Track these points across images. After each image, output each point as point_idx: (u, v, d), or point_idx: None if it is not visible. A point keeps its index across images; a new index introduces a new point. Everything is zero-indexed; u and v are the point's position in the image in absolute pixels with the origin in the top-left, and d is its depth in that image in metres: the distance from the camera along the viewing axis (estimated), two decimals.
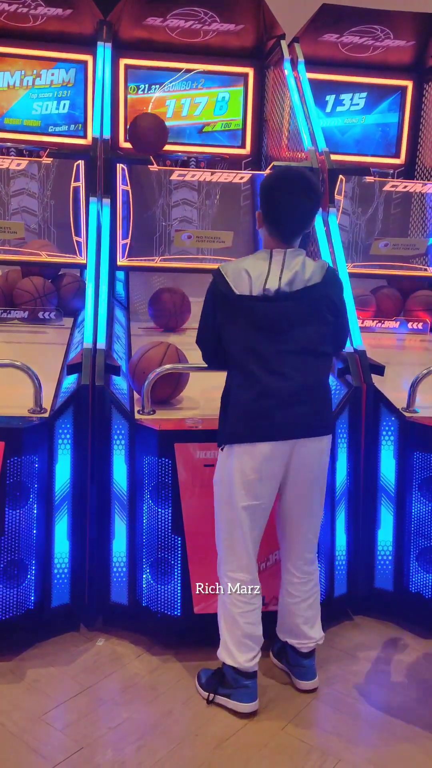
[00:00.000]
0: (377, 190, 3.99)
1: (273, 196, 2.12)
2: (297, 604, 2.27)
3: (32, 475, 2.40)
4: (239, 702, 2.19)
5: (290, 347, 2.10)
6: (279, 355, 2.09)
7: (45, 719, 2.16)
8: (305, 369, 2.12)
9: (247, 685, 2.19)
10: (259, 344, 2.09)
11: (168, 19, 3.85)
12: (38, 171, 3.81)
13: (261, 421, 2.10)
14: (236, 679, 2.19)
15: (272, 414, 2.09)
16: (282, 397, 2.09)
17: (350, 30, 3.98)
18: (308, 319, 2.12)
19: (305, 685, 2.31)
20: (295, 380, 2.10)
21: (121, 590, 2.55)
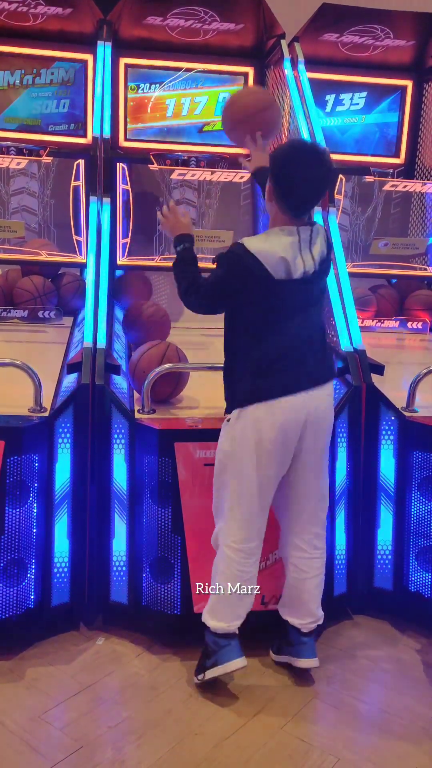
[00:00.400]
0: (377, 189, 3.99)
1: (287, 167, 2.08)
2: (306, 580, 2.28)
3: (32, 474, 2.40)
4: (225, 662, 2.20)
5: (313, 315, 2.20)
6: (302, 321, 2.16)
7: (45, 718, 2.16)
8: (316, 321, 2.21)
9: (229, 643, 2.21)
10: (288, 316, 2.14)
11: (168, 18, 3.85)
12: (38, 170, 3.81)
13: (284, 373, 2.12)
14: (216, 642, 2.21)
15: (293, 366, 2.14)
16: (300, 351, 2.15)
17: (350, 29, 3.98)
18: (323, 286, 2.26)
19: (305, 662, 2.31)
20: (308, 333, 2.17)
21: (120, 589, 2.56)
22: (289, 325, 2.14)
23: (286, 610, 2.35)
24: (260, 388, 2.12)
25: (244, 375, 2.16)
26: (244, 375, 2.16)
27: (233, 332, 2.21)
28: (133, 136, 4.12)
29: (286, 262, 2.08)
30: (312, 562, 2.29)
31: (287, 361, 2.14)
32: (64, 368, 2.81)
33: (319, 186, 2.11)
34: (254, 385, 2.13)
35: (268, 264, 2.07)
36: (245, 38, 4.01)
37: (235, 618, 2.22)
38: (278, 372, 2.13)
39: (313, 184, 2.09)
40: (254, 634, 2.34)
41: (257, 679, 2.36)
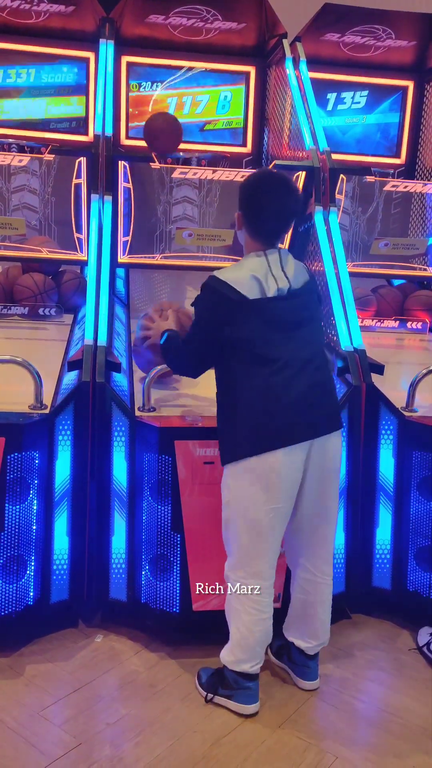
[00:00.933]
0: (377, 189, 3.99)
1: (256, 197, 2.10)
2: (314, 604, 2.25)
3: (32, 471, 2.40)
4: (241, 704, 2.18)
5: (303, 346, 2.11)
6: (294, 349, 2.09)
7: (43, 715, 2.16)
8: (316, 366, 2.13)
9: (249, 686, 2.18)
10: (275, 341, 2.08)
11: (170, 16, 3.85)
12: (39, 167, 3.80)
13: (280, 425, 2.05)
14: (237, 681, 2.18)
15: (290, 414, 2.06)
16: (299, 398, 2.07)
17: (352, 30, 3.98)
18: (312, 314, 2.19)
19: (308, 685, 2.32)
20: (308, 379, 2.09)
21: (120, 587, 2.56)
22: (278, 361, 2.05)
23: (291, 631, 2.31)
24: (253, 442, 2.05)
25: (239, 427, 2.08)
26: (238, 426, 2.08)
27: (225, 380, 2.14)
28: (135, 135, 4.11)
29: (257, 280, 2.07)
30: (318, 587, 2.24)
31: (282, 409, 2.05)
32: (65, 366, 2.81)
33: (288, 215, 2.13)
34: (247, 438, 2.06)
35: (240, 287, 2.06)
36: (247, 37, 4.01)
37: (254, 658, 2.17)
38: (272, 421, 2.04)
39: (282, 214, 2.11)
40: None
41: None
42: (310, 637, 2.28)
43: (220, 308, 2.08)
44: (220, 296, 2.08)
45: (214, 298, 2.09)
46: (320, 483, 2.16)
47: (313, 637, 2.28)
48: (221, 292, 2.08)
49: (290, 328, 2.10)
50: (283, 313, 2.09)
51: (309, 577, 2.25)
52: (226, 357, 2.11)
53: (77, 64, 3.99)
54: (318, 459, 2.12)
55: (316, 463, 2.12)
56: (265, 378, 2.06)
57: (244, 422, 2.08)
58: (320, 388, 2.13)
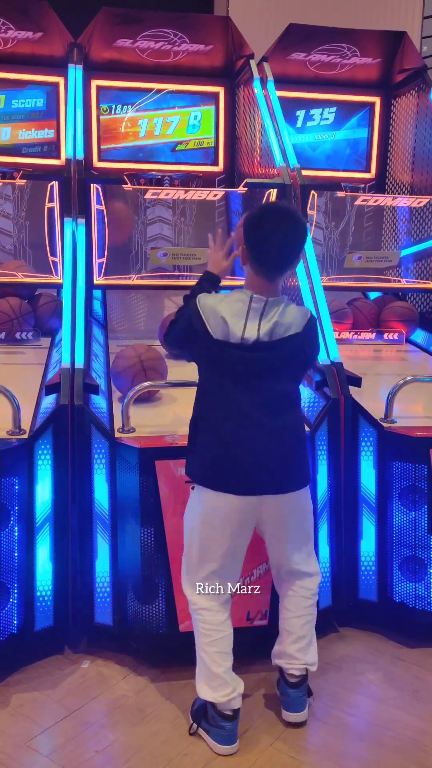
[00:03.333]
0: (349, 204, 4.05)
1: (260, 230, 2.02)
2: (292, 619, 2.22)
3: (12, 497, 2.38)
4: (216, 743, 2.12)
5: (264, 396, 2.05)
6: (251, 402, 2.04)
7: (31, 745, 2.13)
8: (276, 417, 2.06)
9: (224, 726, 2.09)
10: (232, 391, 2.04)
11: (138, 40, 3.90)
12: (12, 192, 3.82)
13: (228, 472, 2.04)
14: (214, 718, 2.12)
15: (240, 466, 2.04)
16: (250, 452, 2.03)
17: (318, 48, 4.06)
18: (284, 368, 2.08)
19: (289, 716, 2.22)
20: (265, 431, 2.04)
21: (105, 611, 2.53)
22: (232, 408, 2.03)
23: (276, 655, 2.27)
24: (205, 476, 2.08)
25: (200, 450, 2.09)
26: (199, 450, 2.10)
27: (197, 393, 2.15)
28: (107, 157, 4.15)
29: (224, 322, 2.02)
30: (298, 601, 2.21)
31: (237, 455, 2.02)
32: (43, 389, 2.80)
33: (293, 250, 2.04)
34: (202, 469, 2.08)
35: (209, 322, 2.04)
36: (215, 59, 4.07)
37: (218, 684, 2.09)
38: (225, 466, 2.04)
39: (286, 249, 2.03)
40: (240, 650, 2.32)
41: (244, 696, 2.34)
42: (289, 655, 2.22)
43: (190, 333, 2.10)
44: (190, 321, 2.08)
45: (188, 322, 2.10)
46: (281, 528, 2.14)
47: (291, 656, 2.21)
48: (191, 319, 2.08)
49: (249, 380, 2.04)
50: (239, 362, 2.03)
51: (288, 593, 2.23)
52: (199, 375, 2.15)
53: (47, 88, 4.02)
54: (273, 512, 2.10)
55: (270, 515, 2.11)
56: (217, 421, 2.06)
57: (200, 450, 2.10)
58: (279, 444, 2.06)
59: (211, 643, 2.11)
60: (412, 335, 3.87)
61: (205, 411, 2.11)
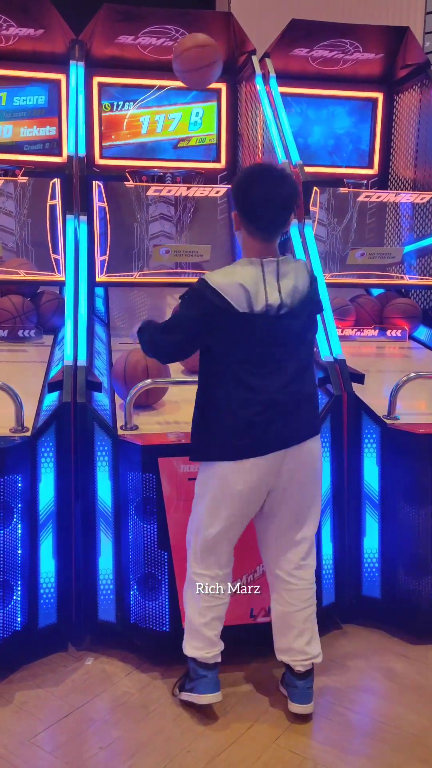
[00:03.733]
0: (352, 200, 4.04)
1: (249, 191, 2.01)
2: (293, 613, 2.20)
3: (15, 494, 2.38)
4: (199, 693, 2.19)
5: (290, 360, 2.07)
6: (277, 368, 2.05)
7: (35, 742, 2.13)
8: (301, 380, 2.09)
9: (206, 675, 2.19)
10: (258, 358, 2.04)
11: (140, 36, 3.89)
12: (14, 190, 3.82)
13: (256, 436, 2.04)
14: (196, 670, 2.20)
15: (263, 429, 2.04)
16: (278, 410, 2.05)
17: (320, 44, 4.04)
18: (306, 329, 2.12)
19: (296, 708, 2.22)
20: (287, 393, 2.06)
21: (108, 608, 2.54)
22: (260, 371, 2.04)
23: (278, 649, 2.26)
24: (226, 448, 2.06)
25: (214, 429, 2.08)
26: (213, 429, 2.09)
27: (205, 378, 2.13)
28: (109, 154, 4.15)
29: (247, 292, 1.99)
30: (297, 593, 2.20)
31: (258, 417, 2.04)
32: (46, 387, 2.80)
33: (284, 206, 2.03)
34: (221, 442, 2.07)
35: (230, 296, 1.99)
36: None
37: (210, 645, 2.18)
38: (254, 431, 2.04)
39: (277, 205, 2.01)
40: (243, 648, 2.33)
41: (248, 693, 2.35)
42: (295, 651, 2.22)
43: (205, 318, 2.02)
44: (207, 304, 2.01)
45: (201, 305, 2.02)
46: (293, 491, 2.14)
47: (298, 652, 2.21)
48: (209, 300, 2.00)
49: (277, 346, 2.05)
50: (270, 331, 2.02)
51: (286, 586, 2.21)
52: (208, 360, 2.11)
53: (48, 86, 4.02)
54: (292, 467, 2.11)
55: (289, 471, 2.11)
56: (240, 391, 2.04)
57: (215, 427, 2.09)
58: (305, 403, 2.11)
59: (210, 609, 2.17)
60: (415, 332, 3.86)
61: (221, 390, 2.07)
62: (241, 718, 2.24)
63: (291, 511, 2.17)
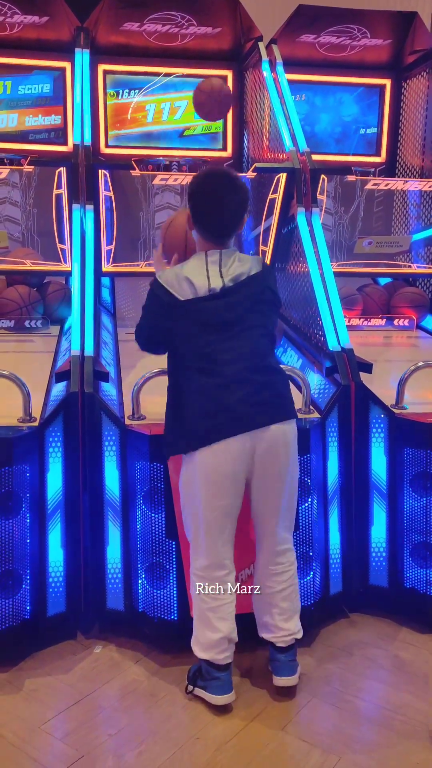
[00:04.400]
0: (359, 188, 4.02)
1: (200, 197, 2.15)
2: (272, 595, 2.25)
3: (24, 484, 2.39)
4: (213, 695, 2.21)
5: (241, 339, 2.13)
6: (231, 348, 2.12)
7: (45, 729, 2.15)
8: (255, 357, 2.14)
9: (219, 677, 2.20)
10: (211, 342, 2.12)
11: (145, 23, 3.86)
12: (20, 179, 3.81)
13: (221, 418, 2.10)
14: (209, 672, 2.21)
15: (230, 409, 2.10)
16: (238, 392, 2.10)
17: (327, 30, 4.01)
18: (253, 307, 2.17)
19: (280, 681, 2.26)
20: (248, 371, 2.12)
21: (116, 596, 2.55)
22: (215, 357, 2.10)
23: (260, 627, 2.31)
24: (196, 436, 2.12)
25: (183, 419, 2.15)
26: (182, 419, 2.16)
27: (171, 376, 2.24)
28: (114, 143, 4.13)
29: (189, 281, 2.12)
30: (275, 577, 2.25)
31: (225, 400, 2.09)
32: (53, 377, 2.80)
33: (235, 212, 2.15)
34: (192, 430, 2.12)
35: (174, 288, 2.13)
36: (223, 41, 4.03)
37: (216, 645, 2.18)
38: (218, 413, 2.09)
39: (229, 212, 2.14)
40: (250, 636, 2.34)
41: (256, 681, 2.36)
42: (275, 628, 2.26)
43: (159, 309, 2.18)
44: (157, 298, 2.17)
45: (154, 299, 2.20)
46: (268, 477, 2.17)
47: (277, 629, 2.25)
48: (157, 294, 2.17)
49: (226, 327, 2.12)
50: (215, 312, 2.12)
51: (264, 571, 2.26)
52: (171, 357, 2.22)
53: (53, 74, 3.99)
54: (263, 450, 2.13)
55: (261, 454, 2.14)
56: (201, 377, 2.12)
57: (183, 418, 2.15)
58: (263, 380, 2.14)
59: (215, 609, 2.18)
60: (423, 321, 3.84)
61: (184, 382, 2.16)
62: (249, 706, 2.25)
63: (267, 497, 2.20)
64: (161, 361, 2.81)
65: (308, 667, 2.40)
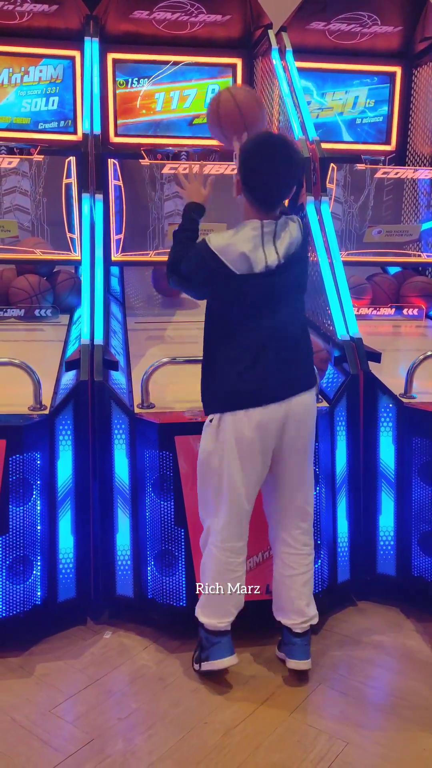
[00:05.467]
0: (369, 177, 3.99)
1: (254, 162, 2.07)
2: (294, 576, 2.26)
3: (34, 471, 2.42)
4: (217, 659, 2.24)
5: (285, 310, 2.15)
6: (275, 320, 2.13)
7: (55, 712, 2.18)
8: (295, 326, 2.18)
9: (219, 641, 2.24)
10: (256, 315, 2.12)
11: (154, 11, 3.84)
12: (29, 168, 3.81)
13: (256, 386, 2.12)
14: (208, 639, 2.24)
15: (267, 379, 2.12)
16: (276, 362, 2.13)
17: (337, 17, 3.97)
18: (298, 280, 2.20)
19: (295, 664, 2.29)
20: (287, 342, 2.15)
21: (126, 583, 2.58)
22: (261, 324, 2.12)
23: (277, 610, 2.33)
24: (235, 396, 2.13)
25: (220, 378, 2.16)
26: (220, 378, 2.16)
27: (209, 330, 2.22)
28: (123, 132, 4.12)
29: (245, 256, 2.07)
30: (299, 558, 2.26)
31: (263, 367, 2.12)
32: (63, 366, 2.82)
33: (287, 179, 2.10)
34: (229, 392, 2.14)
35: (228, 260, 2.07)
36: (232, 29, 4.01)
37: (225, 615, 2.23)
38: (253, 379, 2.12)
39: (281, 178, 2.08)
40: (259, 623, 2.36)
41: (264, 667, 2.38)
42: (294, 613, 2.27)
43: (204, 276, 2.14)
44: (206, 265, 2.11)
45: (201, 264, 2.13)
46: (296, 446, 2.19)
47: (297, 614, 2.27)
48: (208, 265, 2.10)
49: (274, 303, 2.13)
50: (268, 289, 2.11)
51: (289, 551, 2.27)
52: (210, 319, 2.19)
53: (63, 63, 3.98)
54: (293, 418, 2.15)
55: (291, 422, 2.15)
56: (241, 343, 2.13)
57: (219, 380, 2.16)
58: (300, 348, 2.19)
59: (231, 580, 2.20)
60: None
61: (225, 342, 2.16)
62: (258, 691, 2.27)
63: (293, 472, 2.22)
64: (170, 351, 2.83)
65: (316, 654, 2.42)
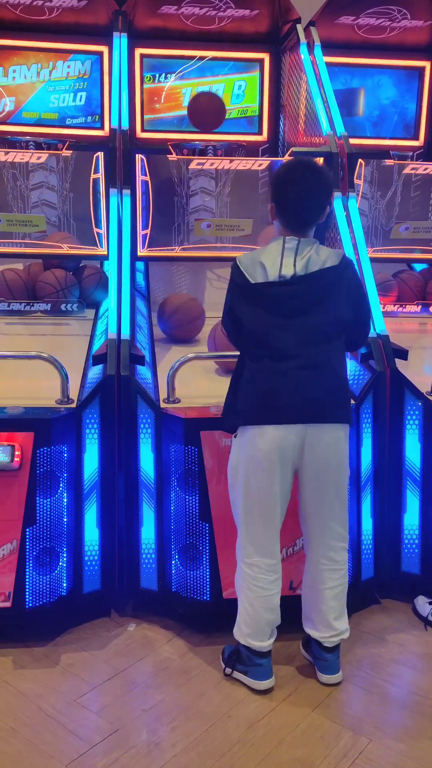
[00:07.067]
0: (396, 173, 3.96)
1: (284, 188, 2.17)
2: (323, 590, 2.24)
3: (61, 464, 2.44)
4: (254, 680, 2.25)
5: (304, 330, 2.13)
6: (292, 337, 2.12)
7: (80, 702, 2.21)
8: (316, 351, 2.13)
9: (261, 663, 2.24)
10: (273, 328, 2.13)
11: (182, 6, 3.84)
12: (57, 164, 3.83)
13: (271, 402, 2.12)
14: (250, 658, 2.24)
15: (282, 396, 2.12)
16: (292, 380, 2.12)
17: (366, 12, 3.94)
18: (323, 300, 2.15)
19: (326, 678, 2.29)
20: (305, 363, 2.12)
21: (150, 576, 2.59)
22: (280, 341, 2.11)
23: (306, 622, 2.32)
24: (247, 415, 2.16)
25: (239, 398, 2.19)
26: (238, 398, 2.19)
27: (238, 345, 2.28)
28: (150, 127, 4.13)
29: (262, 265, 2.14)
30: (329, 574, 2.24)
31: (278, 387, 2.12)
32: (89, 360, 2.84)
33: (317, 205, 2.16)
34: (244, 408, 2.16)
35: (248, 271, 2.16)
36: (260, 24, 3.99)
37: (259, 634, 2.22)
38: (268, 397, 2.12)
39: (310, 204, 2.16)
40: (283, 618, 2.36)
41: (288, 662, 2.39)
42: (323, 626, 2.26)
43: (233, 291, 2.23)
44: (233, 283, 2.22)
45: (231, 283, 2.24)
46: (316, 475, 2.17)
47: (326, 627, 2.25)
48: (234, 280, 2.21)
49: (290, 315, 2.13)
50: (281, 298, 2.13)
51: (317, 567, 2.26)
52: (239, 336, 2.25)
53: (91, 58, 4.00)
54: (312, 448, 2.14)
55: (311, 452, 2.14)
56: (257, 361, 2.15)
57: (240, 397, 2.18)
58: (321, 376, 2.13)
59: (260, 599, 2.20)
60: None
61: (244, 364, 2.20)
62: (281, 686, 2.28)
63: (319, 495, 2.20)
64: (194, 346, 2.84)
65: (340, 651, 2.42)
